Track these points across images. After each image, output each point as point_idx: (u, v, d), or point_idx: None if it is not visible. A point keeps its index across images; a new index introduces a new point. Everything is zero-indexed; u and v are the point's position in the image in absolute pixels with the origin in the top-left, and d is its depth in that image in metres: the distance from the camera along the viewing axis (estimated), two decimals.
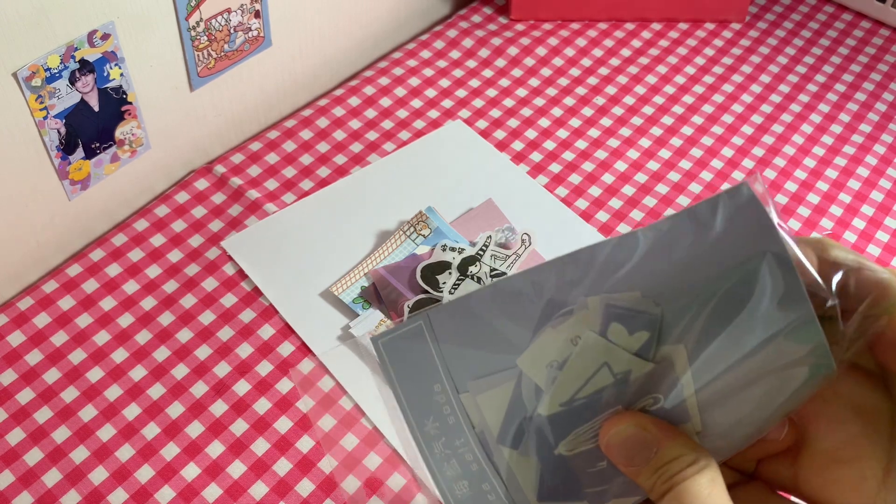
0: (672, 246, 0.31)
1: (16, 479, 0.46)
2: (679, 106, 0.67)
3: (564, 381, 0.31)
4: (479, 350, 0.33)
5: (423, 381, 0.33)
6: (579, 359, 0.31)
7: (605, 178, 0.62)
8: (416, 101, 0.66)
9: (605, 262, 0.32)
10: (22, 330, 0.51)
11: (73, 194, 0.54)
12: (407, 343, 0.33)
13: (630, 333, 0.31)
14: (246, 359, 0.51)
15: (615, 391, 0.31)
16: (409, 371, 0.33)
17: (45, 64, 0.46)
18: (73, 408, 0.48)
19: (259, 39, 0.59)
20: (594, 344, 0.31)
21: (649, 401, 0.31)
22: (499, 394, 0.32)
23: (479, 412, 0.33)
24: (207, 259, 0.55)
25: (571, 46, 0.71)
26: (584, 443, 0.32)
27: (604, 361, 0.31)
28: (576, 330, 0.31)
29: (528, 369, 0.32)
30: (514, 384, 0.32)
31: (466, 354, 0.33)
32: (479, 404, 0.33)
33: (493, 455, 0.32)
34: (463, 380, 0.33)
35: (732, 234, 0.31)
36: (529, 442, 0.32)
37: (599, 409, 0.31)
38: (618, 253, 0.31)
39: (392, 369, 0.34)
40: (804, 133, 0.66)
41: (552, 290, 0.32)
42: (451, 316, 0.33)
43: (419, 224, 0.56)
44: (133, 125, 0.54)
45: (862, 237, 0.59)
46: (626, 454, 0.31)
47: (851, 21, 0.75)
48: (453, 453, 0.32)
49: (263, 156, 0.61)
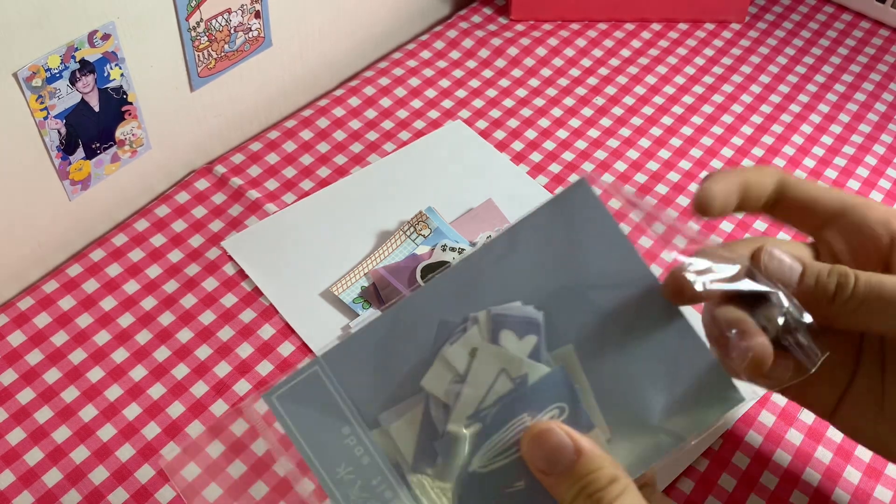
0: (529, 251, 0.34)
1: (16, 479, 0.46)
2: (679, 106, 0.67)
3: (468, 394, 0.32)
4: (382, 381, 0.33)
5: (328, 428, 0.32)
6: (478, 368, 0.32)
7: (605, 178, 0.62)
8: (416, 102, 0.66)
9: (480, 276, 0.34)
10: (22, 330, 0.51)
11: (73, 194, 0.54)
12: (304, 391, 0.32)
13: (519, 338, 0.33)
14: (246, 359, 0.51)
15: (518, 398, 0.32)
16: (312, 421, 0.32)
17: (45, 64, 0.46)
18: (74, 408, 0.48)
19: (259, 40, 0.59)
20: (489, 352, 0.33)
21: (555, 412, 0.32)
22: (409, 420, 0.33)
23: (392, 444, 0.32)
24: (208, 259, 0.55)
25: (571, 47, 0.71)
26: (498, 458, 0.32)
27: (501, 368, 0.33)
28: (472, 342, 0.33)
29: (434, 388, 0.33)
30: (422, 408, 0.33)
31: (370, 389, 0.33)
32: (392, 435, 0.32)
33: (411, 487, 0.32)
34: (372, 415, 0.32)
35: (581, 234, 0.35)
36: (442, 464, 0.32)
37: (507, 418, 0.32)
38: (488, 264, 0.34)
39: (291, 423, 0.33)
40: (804, 133, 0.66)
41: (441, 312, 0.33)
42: (347, 354, 0.33)
43: (419, 224, 0.56)
44: (133, 125, 0.54)
45: None
46: (546, 460, 0.32)
47: (851, 21, 0.75)
48: (371, 495, 0.32)
49: (264, 156, 0.61)
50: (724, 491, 0.47)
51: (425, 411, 0.32)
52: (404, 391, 0.33)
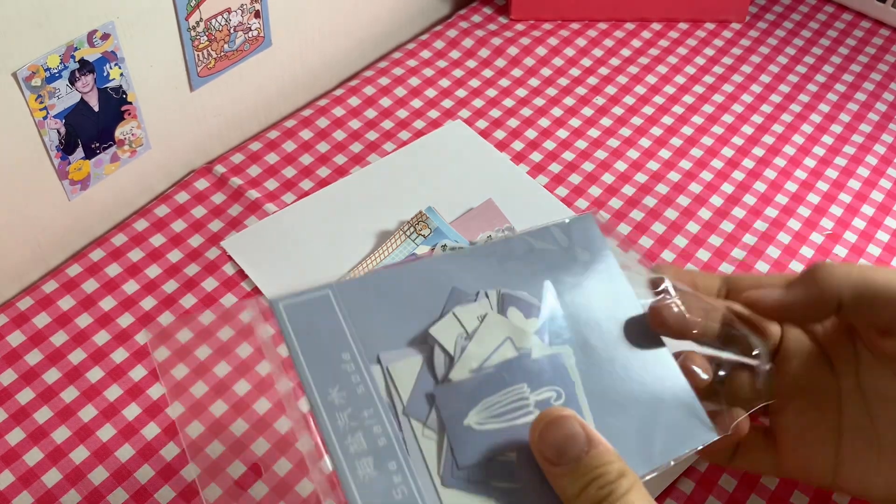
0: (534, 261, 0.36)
1: (16, 479, 0.46)
2: (679, 106, 0.67)
3: (473, 350, 0.33)
4: (388, 324, 0.33)
5: (329, 349, 0.31)
6: (485, 330, 0.33)
7: (605, 178, 0.62)
8: (416, 101, 0.66)
9: (489, 266, 0.35)
10: (22, 330, 0.51)
11: (73, 194, 0.54)
12: (312, 309, 0.32)
13: (526, 318, 0.34)
14: (246, 359, 0.51)
15: (520, 366, 0.33)
16: (314, 337, 0.32)
17: (44, 64, 0.46)
18: (73, 408, 0.48)
19: (259, 39, 0.59)
20: (498, 319, 0.34)
21: (552, 393, 0.33)
22: (410, 364, 0.32)
23: (390, 383, 0.32)
24: (207, 259, 0.55)
25: (571, 46, 0.71)
26: (494, 419, 0.32)
27: (507, 335, 0.34)
28: (481, 309, 0.34)
29: (441, 337, 0.33)
30: (424, 356, 0.33)
31: (376, 326, 0.33)
32: (392, 374, 0.32)
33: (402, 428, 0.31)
34: (373, 351, 0.32)
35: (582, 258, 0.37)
36: (438, 413, 0.32)
37: (507, 381, 0.33)
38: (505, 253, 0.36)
39: (293, 333, 0.32)
40: (804, 133, 0.66)
41: (455, 280, 0.35)
42: (361, 289, 0.33)
43: (419, 224, 0.56)
44: (133, 125, 0.54)
45: (862, 237, 0.59)
46: (557, 449, 0.31)
47: (851, 21, 0.75)
48: (360, 425, 0.30)
49: (263, 156, 0.61)
50: (725, 491, 0.47)
51: (427, 359, 0.33)
52: (408, 337, 0.33)
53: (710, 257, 0.58)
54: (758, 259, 0.58)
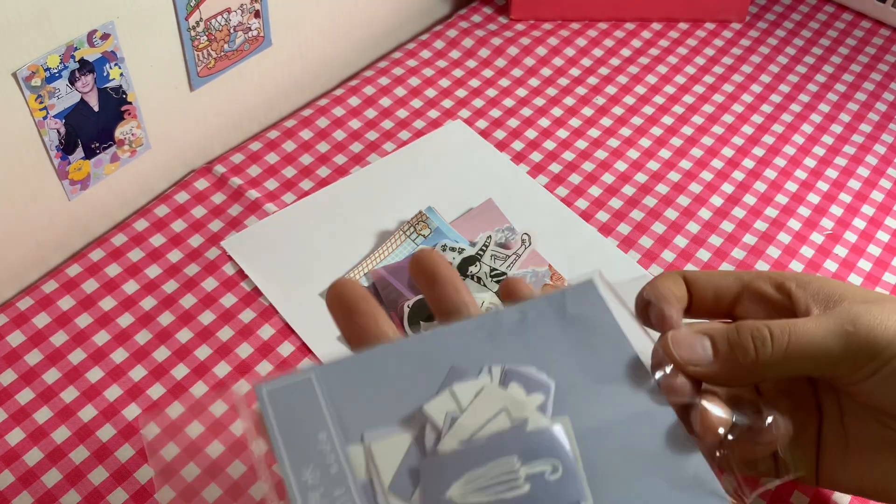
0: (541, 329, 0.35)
1: (16, 479, 0.46)
2: (679, 106, 0.67)
3: (465, 422, 0.32)
4: (376, 404, 0.33)
5: (305, 429, 0.32)
6: (480, 402, 0.33)
7: (605, 178, 0.62)
8: (416, 101, 0.66)
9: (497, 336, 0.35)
10: (22, 330, 0.51)
11: (72, 194, 0.54)
12: (293, 393, 0.33)
13: (527, 393, 0.33)
14: (246, 359, 0.51)
15: (513, 438, 0.32)
16: (292, 418, 0.32)
17: (44, 64, 0.46)
18: (73, 408, 0.48)
19: (259, 39, 0.59)
20: (494, 391, 0.33)
21: (548, 467, 0.32)
22: (397, 441, 0.32)
23: (371, 462, 0.32)
24: (207, 259, 0.55)
25: (571, 46, 0.71)
26: (478, 493, 0.32)
27: (503, 406, 0.33)
28: (481, 385, 0.33)
29: (434, 414, 0.33)
30: (414, 434, 0.33)
31: (361, 407, 0.33)
32: (374, 453, 0.32)
33: None
34: (354, 430, 0.32)
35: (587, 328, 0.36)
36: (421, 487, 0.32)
37: (496, 453, 0.32)
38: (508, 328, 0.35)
39: (272, 415, 0.33)
40: (804, 133, 0.66)
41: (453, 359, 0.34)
42: (347, 371, 0.33)
43: (419, 224, 0.56)
44: (133, 125, 0.54)
45: (862, 237, 0.59)
46: None
47: (851, 21, 0.75)
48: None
49: (263, 156, 0.61)
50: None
51: (417, 437, 0.32)
52: (398, 417, 0.33)
53: (710, 257, 0.58)
54: (758, 259, 0.58)
